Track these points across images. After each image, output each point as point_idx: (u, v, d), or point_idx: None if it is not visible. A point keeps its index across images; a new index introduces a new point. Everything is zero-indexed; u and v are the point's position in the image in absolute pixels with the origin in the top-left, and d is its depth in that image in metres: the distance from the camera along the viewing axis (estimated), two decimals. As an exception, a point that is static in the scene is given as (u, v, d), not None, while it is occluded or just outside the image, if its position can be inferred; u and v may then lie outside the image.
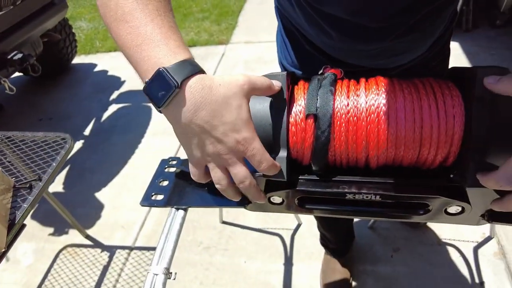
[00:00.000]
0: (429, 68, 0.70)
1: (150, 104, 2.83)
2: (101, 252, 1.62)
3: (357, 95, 0.47)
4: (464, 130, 0.43)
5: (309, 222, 1.57)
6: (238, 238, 1.58)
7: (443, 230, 1.46)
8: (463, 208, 0.48)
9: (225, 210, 1.68)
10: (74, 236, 1.70)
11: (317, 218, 1.21)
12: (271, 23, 0.63)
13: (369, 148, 0.46)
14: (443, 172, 0.48)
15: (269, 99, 0.46)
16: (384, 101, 0.45)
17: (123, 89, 2.72)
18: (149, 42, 0.40)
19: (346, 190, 0.49)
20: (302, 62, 0.71)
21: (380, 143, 0.45)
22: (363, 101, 0.46)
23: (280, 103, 0.46)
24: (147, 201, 0.68)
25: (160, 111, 0.41)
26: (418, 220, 0.52)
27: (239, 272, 1.45)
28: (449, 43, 0.74)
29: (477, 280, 1.29)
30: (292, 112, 0.47)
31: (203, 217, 1.69)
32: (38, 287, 1.52)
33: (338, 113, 0.46)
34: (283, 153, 0.46)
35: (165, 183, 0.71)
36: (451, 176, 0.47)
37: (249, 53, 2.90)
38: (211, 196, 0.65)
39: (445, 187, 0.47)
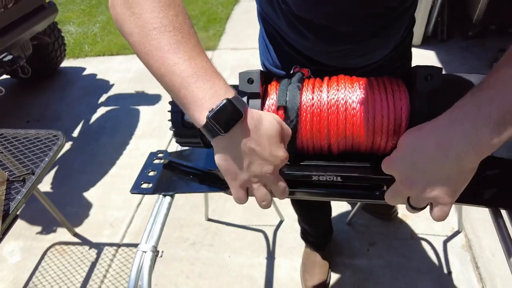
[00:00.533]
0: (393, 68, 0.79)
1: (138, 107, 2.82)
2: (89, 249, 1.65)
3: (320, 91, 0.55)
4: (409, 119, 0.52)
5: (291, 219, 1.64)
6: (223, 235, 1.64)
7: (416, 225, 1.55)
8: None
9: (211, 208, 1.75)
10: (62, 234, 1.73)
11: (298, 213, 1.29)
12: (256, 31, 0.70)
13: (330, 135, 0.54)
14: None
15: (245, 94, 0.53)
16: (342, 96, 0.53)
17: (112, 92, 2.76)
18: (203, 72, 0.45)
19: (313, 173, 0.57)
20: (282, 63, 0.79)
21: (339, 131, 0.54)
22: (325, 96, 0.54)
23: (255, 97, 0.54)
24: (137, 189, 0.75)
25: (211, 139, 0.45)
26: (376, 201, 0.60)
27: (224, 266, 1.51)
28: (411, 47, 0.84)
29: (445, 270, 1.38)
30: (266, 105, 0.55)
31: (189, 215, 1.74)
32: (25, 284, 1.54)
33: (304, 105, 0.54)
34: None
35: (153, 173, 0.78)
36: None
37: (236, 59, 2.98)
38: (195, 183, 0.73)
39: None
